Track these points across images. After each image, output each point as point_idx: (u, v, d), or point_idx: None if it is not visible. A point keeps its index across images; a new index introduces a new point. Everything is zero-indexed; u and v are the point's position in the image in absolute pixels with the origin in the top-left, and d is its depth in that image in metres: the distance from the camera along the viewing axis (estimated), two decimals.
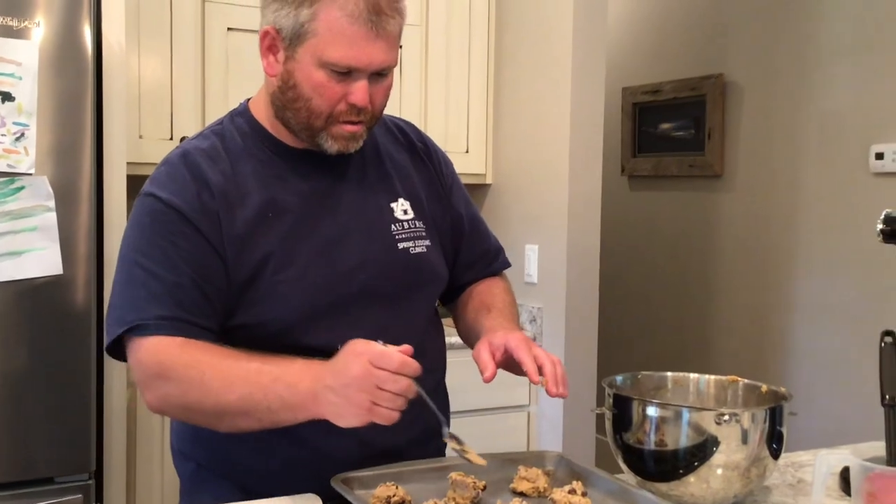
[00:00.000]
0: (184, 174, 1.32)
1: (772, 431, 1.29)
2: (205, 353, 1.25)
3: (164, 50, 2.65)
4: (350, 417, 1.14)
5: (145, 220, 1.33)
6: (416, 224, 1.45)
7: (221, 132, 1.40)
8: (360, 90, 1.29)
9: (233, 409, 1.22)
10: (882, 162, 3.04)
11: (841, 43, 3.21)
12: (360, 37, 1.26)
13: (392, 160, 1.48)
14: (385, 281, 1.39)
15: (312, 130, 1.33)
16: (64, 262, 2.15)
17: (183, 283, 1.27)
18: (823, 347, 3.26)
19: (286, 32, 1.29)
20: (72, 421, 2.19)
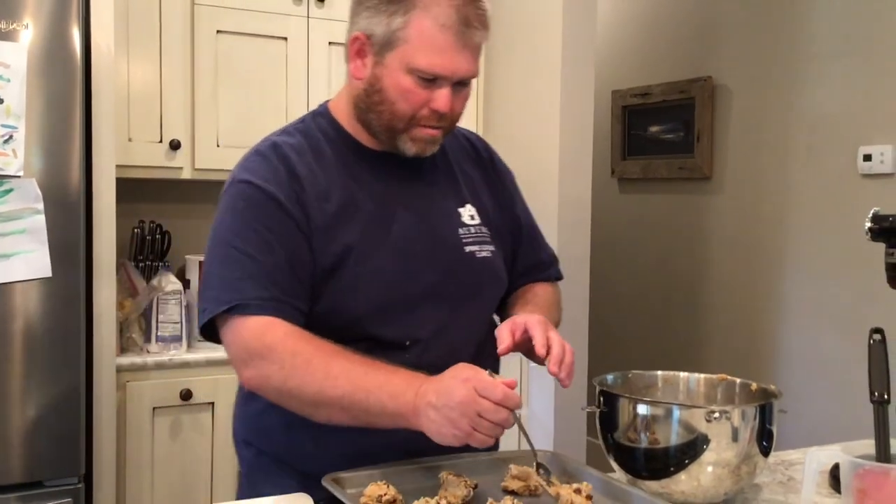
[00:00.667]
0: (275, 163, 1.38)
1: (762, 429, 1.29)
2: (311, 343, 1.29)
3: (154, 53, 2.64)
4: (448, 437, 1.17)
5: (239, 205, 1.37)
6: (482, 230, 1.51)
7: (305, 130, 1.45)
8: (444, 97, 1.35)
9: (333, 403, 1.26)
10: (870, 164, 3.05)
11: (829, 45, 3.23)
12: (448, 46, 1.32)
13: (461, 168, 1.55)
14: (452, 282, 1.44)
15: (393, 132, 1.39)
16: (53, 264, 2.14)
17: (279, 264, 1.32)
18: (813, 348, 3.27)
19: (377, 38, 1.35)
20: (61, 424, 2.18)
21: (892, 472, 1.16)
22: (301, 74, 2.85)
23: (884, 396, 1.26)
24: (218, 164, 2.76)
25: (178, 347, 2.56)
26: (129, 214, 2.76)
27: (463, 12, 1.32)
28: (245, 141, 2.77)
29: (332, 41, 2.88)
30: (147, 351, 2.55)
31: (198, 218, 3.09)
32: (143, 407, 2.45)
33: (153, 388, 2.47)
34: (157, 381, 2.48)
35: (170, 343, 2.55)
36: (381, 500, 1.15)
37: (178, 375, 2.50)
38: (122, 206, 2.44)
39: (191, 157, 2.72)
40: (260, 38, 2.80)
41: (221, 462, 2.55)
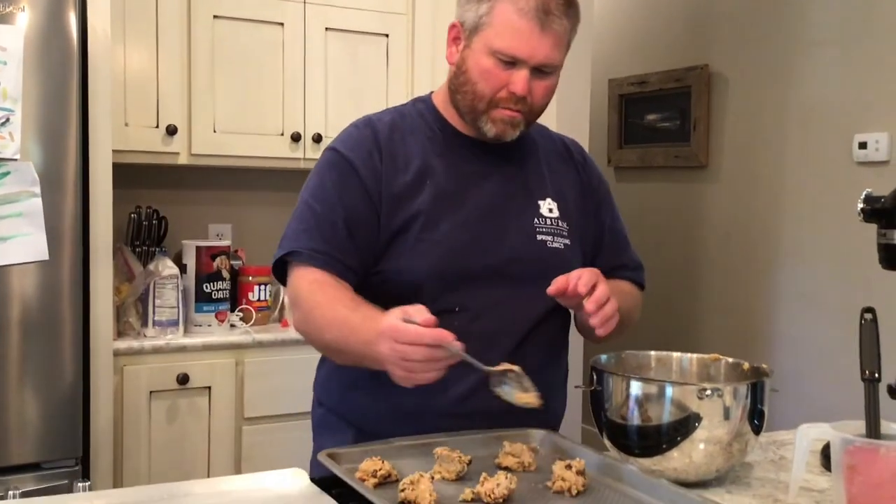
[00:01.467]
0: (363, 135, 1.53)
1: (753, 407, 1.31)
2: (323, 293, 1.43)
3: (150, 37, 2.64)
4: (400, 381, 1.25)
5: (323, 167, 1.53)
6: (560, 224, 1.57)
7: (402, 111, 1.60)
8: (521, 80, 1.43)
9: (331, 347, 1.43)
10: (865, 151, 3.07)
11: (825, 33, 3.24)
12: (526, 30, 1.41)
13: (549, 165, 1.62)
14: (516, 264, 1.50)
15: (476, 113, 1.49)
16: (49, 248, 2.14)
17: (336, 221, 1.46)
18: (807, 334, 3.29)
19: (467, 25, 1.47)
20: (58, 407, 2.19)
21: (882, 448, 1.17)
22: (297, 60, 2.85)
23: (874, 375, 1.27)
24: (214, 149, 2.77)
25: (174, 332, 2.57)
26: (126, 200, 2.76)
27: (543, 1, 1.42)
28: (241, 126, 2.82)
29: (328, 27, 2.88)
30: (144, 335, 2.56)
31: (194, 203, 3.10)
32: (139, 391, 2.46)
33: (150, 372, 2.48)
34: (154, 365, 2.49)
35: (167, 327, 2.56)
36: (376, 475, 1.16)
37: (175, 360, 2.51)
38: (119, 192, 2.45)
39: (187, 142, 2.72)
40: (256, 23, 2.80)
41: (218, 446, 2.56)
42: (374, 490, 1.13)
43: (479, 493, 1.12)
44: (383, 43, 2.99)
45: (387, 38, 2.99)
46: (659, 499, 1.14)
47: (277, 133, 2.84)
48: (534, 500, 1.15)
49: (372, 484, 1.15)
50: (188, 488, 1.11)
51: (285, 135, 2.84)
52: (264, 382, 2.62)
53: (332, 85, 2.91)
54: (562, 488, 1.17)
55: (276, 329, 2.76)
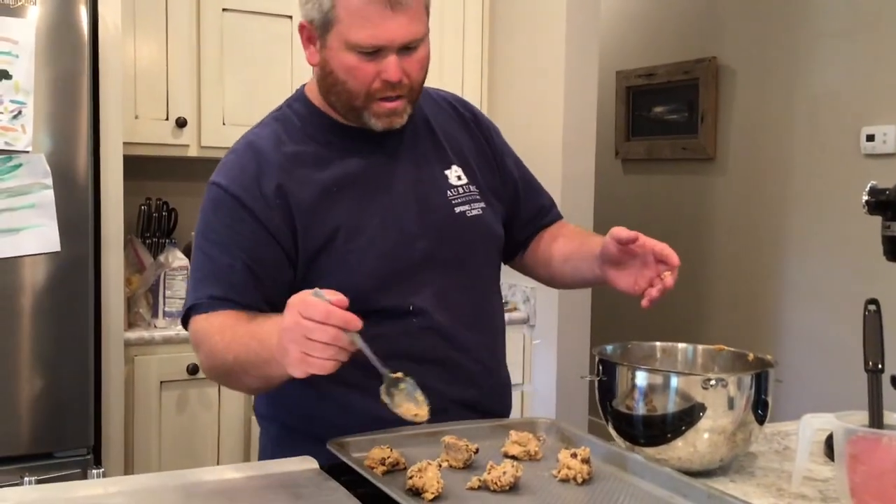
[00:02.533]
0: (247, 162, 1.41)
1: (757, 397, 1.32)
2: (225, 319, 1.33)
3: (160, 30, 2.66)
4: (291, 368, 1.15)
5: (208, 207, 1.42)
6: (470, 188, 1.52)
7: (281, 118, 1.49)
8: (391, 66, 1.35)
9: (235, 369, 1.30)
10: (873, 144, 3.06)
11: (832, 26, 3.23)
12: (377, 15, 1.31)
13: (443, 130, 1.55)
14: (445, 245, 1.46)
15: (355, 111, 1.40)
16: (61, 239, 2.17)
17: (235, 265, 1.36)
18: (813, 326, 3.30)
19: (317, 23, 1.36)
20: (70, 397, 2.22)
21: (884, 438, 1.18)
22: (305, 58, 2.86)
23: (878, 366, 1.28)
24: (224, 141, 2.77)
25: None
26: (137, 192, 2.78)
27: None
28: (250, 119, 2.79)
29: None
30: (154, 326, 2.58)
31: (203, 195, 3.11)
32: (150, 381, 2.49)
33: (160, 362, 2.51)
34: (165, 355, 2.51)
35: (177, 318, 2.58)
36: (385, 463, 1.18)
37: (185, 350, 2.53)
38: (130, 184, 2.47)
39: (197, 134, 2.74)
40: (265, 15, 2.81)
41: (227, 436, 2.59)
42: (383, 477, 1.15)
43: (486, 481, 1.14)
44: None
45: None
46: (663, 487, 1.16)
47: None
48: (539, 488, 1.16)
49: (380, 471, 1.17)
50: (200, 475, 1.13)
51: None
52: None
53: None
54: (567, 476, 1.18)
55: None
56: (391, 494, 1.06)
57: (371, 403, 1.29)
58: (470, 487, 1.14)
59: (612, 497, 1.14)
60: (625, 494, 1.15)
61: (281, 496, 1.09)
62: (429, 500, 1.09)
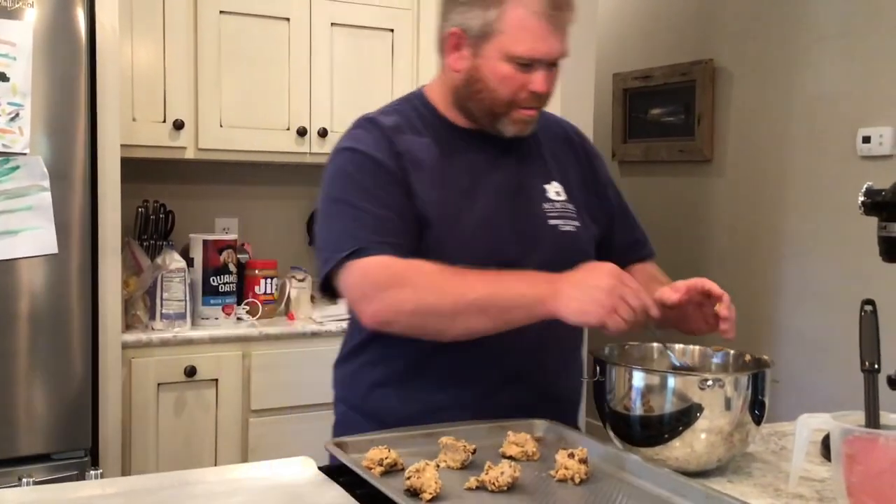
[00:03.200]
0: (376, 134, 1.50)
1: (754, 397, 1.32)
2: (437, 265, 1.37)
3: (157, 33, 2.66)
4: (591, 315, 1.28)
5: (349, 169, 1.48)
6: (568, 206, 1.58)
7: (399, 110, 1.57)
8: (541, 79, 1.44)
9: (471, 307, 1.34)
10: (869, 145, 3.08)
11: (829, 28, 3.24)
12: (542, 31, 1.42)
13: (550, 149, 1.62)
14: (534, 253, 1.50)
15: (494, 116, 1.49)
16: (58, 241, 2.17)
17: (390, 216, 1.43)
18: (810, 327, 3.30)
19: (473, 32, 1.45)
20: (68, 399, 2.22)
21: (881, 438, 1.18)
22: (303, 55, 2.87)
23: (874, 366, 1.28)
24: (221, 144, 2.79)
25: (182, 325, 2.59)
26: (134, 194, 2.78)
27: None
28: (248, 121, 2.84)
29: (334, 22, 2.90)
30: (152, 328, 2.58)
31: (201, 198, 3.12)
32: (147, 383, 2.49)
33: (158, 364, 2.51)
34: (162, 357, 2.51)
35: (174, 320, 2.58)
36: (383, 464, 1.18)
37: (183, 352, 2.54)
38: (127, 186, 2.47)
39: (194, 137, 2.74)
40: (263, 18, 2.81)
41: (225, 438, 2.59)
42: (381, 478, 1.15)
43: (484, 481, 1.14)
44: (388, 38, 3.00)
45: (392, 33, 3.00)
46: (661, 487, 1.16)
47: (283, 128, 2.86)
48: (537, 488, 1.17)
49: (378, 472, 1.17)
50: (198, 476, 1.13)
51: (291, 129, 2.86)
52: (271, 375, 2.64)
53: (338, 80, 2.93)
54: (565, 476, 1.18)
55: (282, 322, 2.79)
56: (389, 495, 1.06)
57: (423, 395, 1.45)
58: (468, 488, 1.14)
59: (609, 497, 1.14)
60: (622, 494, 1.15)
61: (277, 496, 1.09)
62: (427, 500, 1.09)
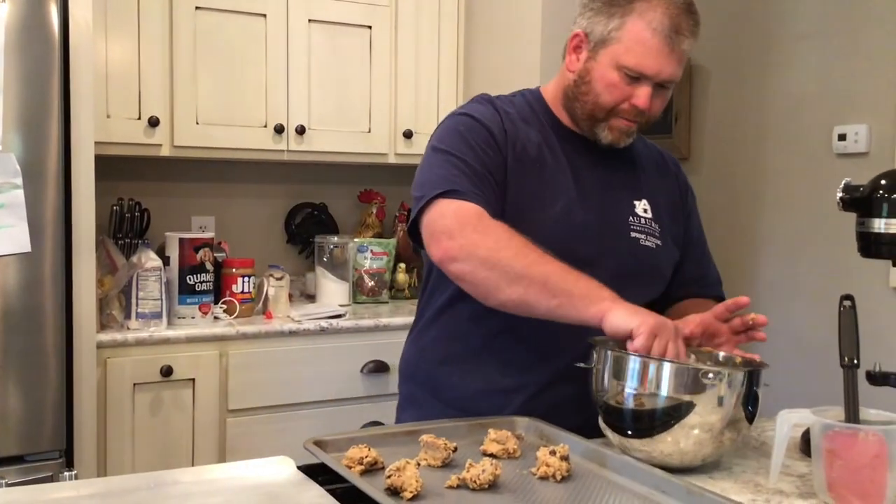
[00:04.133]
0: (490, 108, 1.57)
1: (748, 395, 1.31)
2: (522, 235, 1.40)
3: (132, 29, 2.63)
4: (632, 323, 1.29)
5: (461, 128, 1.53)
6: (653, 225, 1.62)
7: (512, 100, 1.63)
8: (644, 95, 1.48)
9: (537, 279, 1.35)
10: (844, 143, 3.09)
11: (805, 26, 3.26)
12: (656, 49, 1.45)
13: (645, 170, 1.67)
14: (611, 259, 1.53)
15: (594, 121, 1.54)
16: (31, 240, 2.13)
17: (487, 176, 1.48)
18: (789, 324, 3.32)
19: (594, 36, 1.51)
20: (42, 399, 2.19)
21: (860, 433, 1.19)
22: (280, 51, 2.85)
23: (853, 361, 1.29)
24: (197, 141, 2.76)
25: (158, 324, 2.56)
26: (109, 192, 2.75)
27: (676, 21, 1.46)
28: (224, 118, 2.81)
29: (311, 18, 2.88)
30: (127, 328, 2.55)
31: (177, 195, 3.09)
32: (123, 383, 2.46)
33: (134, 364, 2.47)
34: (138, 357, 2.48)
35: (150, 320, 2.55)
36: (363, 462, 1.17)
37: (159, 352, 2.51)
38: (102, 184, 2.44)
39: (170, 134, 2.71)
40: (239, 14, 2.79)
41: (202, 438, 2.56)
42: (361, 477, 1.14)
43: (465, 479, 1.13)
44: (366, 34, 2.99)
45: (370, 29, 2.99)
46: (643, 484, 1.16)
47: (260, 125, 2.84)
48: (518, 486, 1.16)
49: (358, 471, 1.16)
50: (175, 476, 1.11)
51: (268, 126, 2.84)
52: (248, 374, 2.62)
53: (315, 76, 2.91)
54: (546, 474, 1.18)
55: (260, 321, 2.76)
56: (370, 493, 1.05)
57: (485, 374, 1.52)
58: (449, 486, 1.13)
59: (591, 494, 1.14)
60: (604, 491, 1.15)
61: (255, 496, 1.08)
62: (407, 499, 1.08)
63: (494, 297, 1.40)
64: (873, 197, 1.41)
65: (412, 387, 1.67)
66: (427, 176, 1.49)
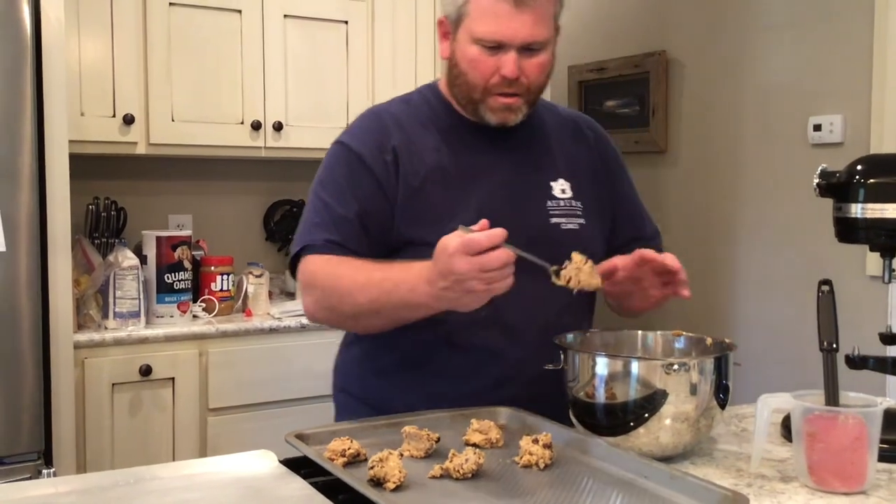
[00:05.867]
0: (372, 127, 1.55)
1: (719, 381, 1.32)
2: (342, 264, 1.45)
3: (105, 25, 2.61)
4: (473, 303, 1.28)
5: (332, 163, 1.54)
6: (573, 203, 1.57)
7: (409, 100, 1.61)
8: (509, 62, 1.44)
9: (365, 310, 1.41)
10: (820, 133, 3.11)
11: (778, 17, 3.28)
12: (503, 12, 1.42)
13: (560, 144, 1.62)
14: (532, 251, 1.39)
15: (473, 103, 1.50)
16: (6, 240, 2.11)
17: (348, 216, 1.48)
18: (768, 312, 3.34)
19: (451, 18, 1.49)
20: (18, 400, 2.16)
21: (840, 416, 1.20)
22: (256, 47, 2.83)
23: (832, 345, 1.30)
24: (173, 138, 2.74)
25: (136, 323, 2.54)
26: (84, 191, 2.72)
27: None
28: (200, 115, 2.79)
29: (287, 13, 2.87)
30: (105, 327, 2.52)
31: (153, 194, 3.06)
32: (101, 383, 2.43)
33: (112, 364, 2.45)
34: (116, 357, 2.46)
35: (128, 319, 2.53)
36: (345, 455, 1.16)
37: (137, 351, 2.49)
38: (77, 183, 2.41)
39: (145, 131, 2.69)
40: (213, 10, 2.77)
41: (182, 438, 2.54)
42: (344, 469, 1.13)
43: (448, 469, 1.13)
44: (343, 30, 2.97)
45: (346, 24, 2.97)
46: (626, 470, 1.16)
47: (237, 121, 2.82)
48: (502, 474, 1.16)
49: (341, 463, 1.15)
50: (154, 472, 1.10)
51: (245, 123, 2.82)
52: (228, 373, 2.60)
53: (292, 72, 2.90)
54: (529, 462, 1.18)
55: (239, 319, 2.74)
56: (352, 484, 1.04)
57: (425, 383, 1.48)
58: (432, 476, 1.13)
59: (574, 480, 1.14)
60: (587, 478, 1.15)
61: (237, 490, 1.07)
62: (391, 489, 1.07)
63: (362, 332, 1.54)
64: (850, 182, 1.42)
65: (347, 398, 1.62)
66: (302, 223, 1.54)
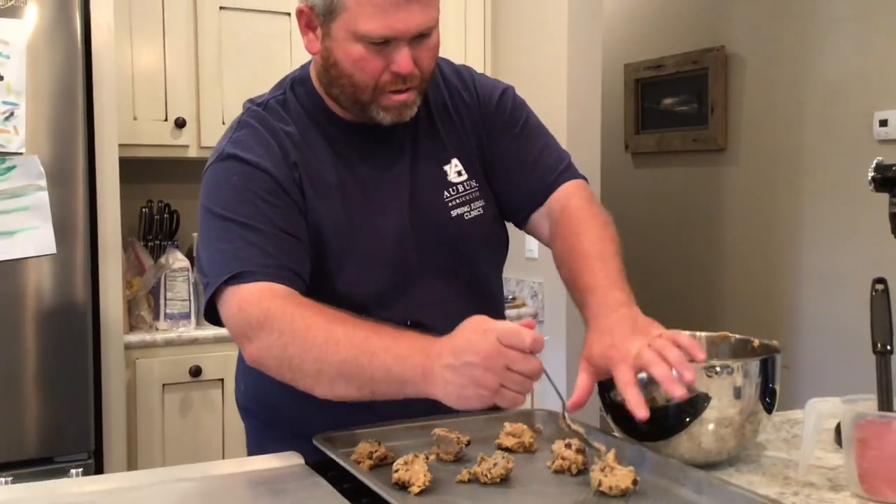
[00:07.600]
0: (266, 138, 1.31)
1: (765, 385, 1.26)
2: (313, 309, 1.18)
3: (157, 30, 2.64)
4: (472, 399, 1.05)
5: (233, 180, 1.29)
6: (471, 184, 1.40)
7: (284, 101, 1.38)
8: (403, 58, 1.24)
9: (333, 370, 1.14)
10: (886, 129, 3.00)
11: (842, 10, 3.17)
12: (389, 4, 1.20)
13: (443, 118, 1.42)
14: (441, 255, 1.36)
15: (361, 105, 1.30)
16: (58, 242, 2.14)
17: (281, 235, 1.25)
18: (831, 314, 3.23)
19: (319, 9, 1.25)
20: (70, 400, 2.20)
21: (893, 421, 1.13)
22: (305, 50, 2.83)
23: (886, 347, 1.23)
24: None
25: (186, 324, 2.56)
26: (138, 194, 2.76)
27: None
28: None
29: None
30: (156, 328, 2.55)
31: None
32: (152, 384, 2.46)
33: (162, 365, 2.48)
34: (167, 358, 2.49)
35: (178, 320, 2.55)
36: (372, 457, 1.14)
37: (188, 352, 2.51)
38: (131, 187, 2.45)
39: (196, 134, 2.72)
40: (263, 13, 2.79)
41: (232, 438, 2.55)
42: (368, 472, 1.10)
43: (476, 473, 1.10)
44: None
45: None
46: (662, 477, 1.11)
47: None
48: (532, 479, 1.12)
49: (367, 466, 1.13)
50: (179, 473, 1.10)
51: None
52: None
53: None
54: (561, 467, 1.14)
55: None
56: (374, 488, 1.02)
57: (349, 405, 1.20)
58: (460, 480, 1.10)
59: None
60: None
61: (262, 492, 1.05)
62: (415, 493, 1.05)
63: (319, 395, 1.18)
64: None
65: (258, 424, 1.46)
66: (209, 253, 1.26)
